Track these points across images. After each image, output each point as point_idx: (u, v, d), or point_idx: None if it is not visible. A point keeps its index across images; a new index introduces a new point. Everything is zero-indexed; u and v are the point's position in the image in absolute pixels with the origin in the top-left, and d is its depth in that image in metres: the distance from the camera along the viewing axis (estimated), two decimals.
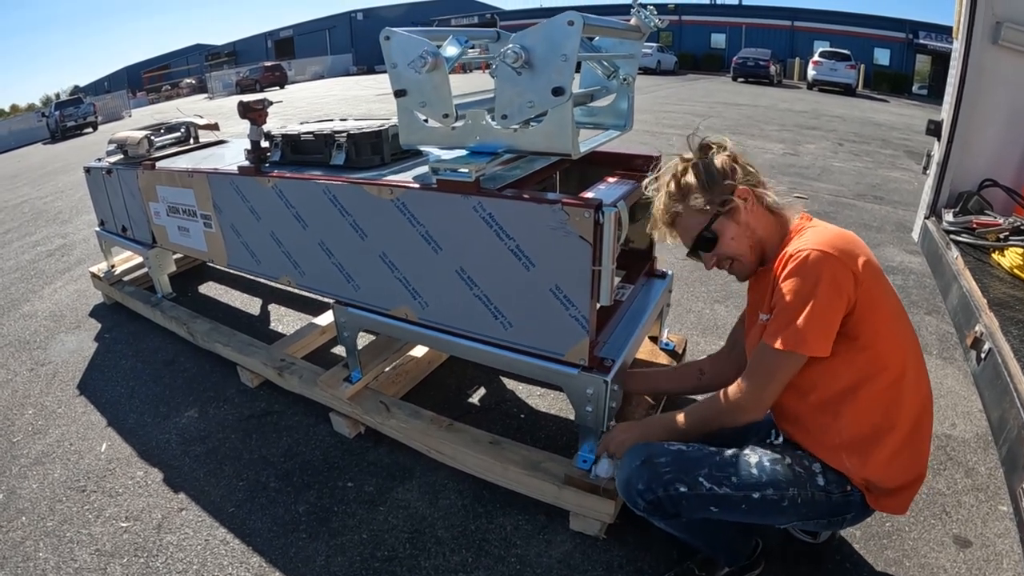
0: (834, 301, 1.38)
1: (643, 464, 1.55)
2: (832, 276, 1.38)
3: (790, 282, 1.42)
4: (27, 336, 3.88)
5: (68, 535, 2.17)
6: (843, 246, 1.42)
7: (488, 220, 1.86)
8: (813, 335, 1.39)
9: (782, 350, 1.43)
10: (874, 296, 1.42)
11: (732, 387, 1.55)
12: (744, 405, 1.52)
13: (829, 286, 1.37)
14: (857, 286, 1.39)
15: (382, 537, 2.06)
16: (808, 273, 1.39)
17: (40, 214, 7.53)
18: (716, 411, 1.59)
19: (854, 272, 1.39)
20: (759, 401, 1.51)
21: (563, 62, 1.59)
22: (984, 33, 3.90)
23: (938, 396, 2.72)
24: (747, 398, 1.52)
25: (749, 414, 1.53)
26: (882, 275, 1.48)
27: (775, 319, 1.45)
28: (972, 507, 2.09)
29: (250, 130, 2.60)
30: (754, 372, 1.52)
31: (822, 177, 7.09)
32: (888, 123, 12.99)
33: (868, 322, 1.42)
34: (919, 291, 3.88)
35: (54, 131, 21.76)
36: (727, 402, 1.55)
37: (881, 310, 1.44)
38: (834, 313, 1.40)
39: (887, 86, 26.64)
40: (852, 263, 1.39)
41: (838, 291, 1.38)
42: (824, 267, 1.38)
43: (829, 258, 1.38)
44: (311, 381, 2.63)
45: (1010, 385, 2.17)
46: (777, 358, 1.45)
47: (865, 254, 1.44)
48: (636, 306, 2.34)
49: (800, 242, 1.46)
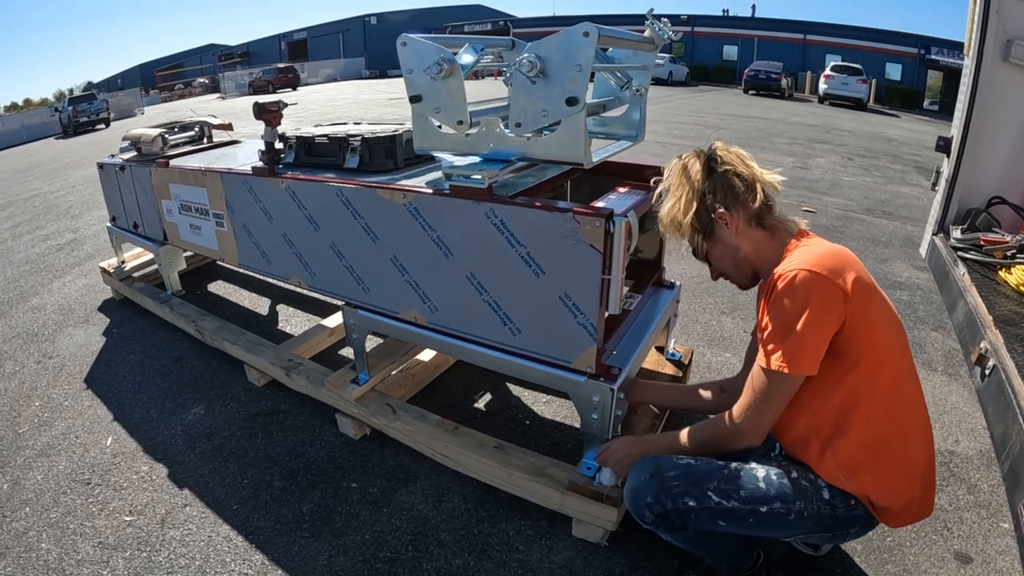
0: (822, 321, 1.38)
1: (652, 477, 1.55)
2: (820, 296, 1.38)
3: (778, 303, 1.42)
4: (35, 329, 3.91)
5: (71, 527, 2.18)
6: (832, 265, 1.41)
7: (500, 227, 1.87)
8: (802, 355, 1.40)
9: (772, 371, 1.43)
10: (866, 313, 1.42)
11: (731, 410, 1.55)
12: (742, 429, 1.52)
13: (817, 306, 1.37)
14: (846, 304, 1.39)
15: (385, 538, 2.07)
16: (796, 293, 1.39)
17: (51, 208, 7.59)
18: (717, 434, 1.59)
19: (843, 290, 1.38)
20: (756, 425, 1.50)
21: (577, 72, 1.60)
22: (995, 50, 3.90)
23: (942, 412, 2.72)
24: (744, 422, 1.51)
25: (746, 438, 1.52)
26: (875, 292, 1.47)
27: (765, 340, 1.46)
28: (974, 523, 2.09)
29: (265, 131, 2.62)
30: (748, 394, 1.51)
31: (831, 191, 7.09)
32: (898, 138, 12.97)
33: (860, 340, 1.42)
34: (926, 307, 3.88)
35: (67, 126, 21.94)
36: (727, 425, 1.55)
37: (874, 328, 1.44)
38: (822, 332, 1.39)
39: (898, 101, 26.59)
40: (841, 281, 1.39)
41: (826, 311, 1.38)
42: (812, 287, 1.38)
43: (817, 277, 1.38)
44: (318, 382, 2.65)
45: (1013, 402, 2.16)
46: (768, 379, 1.45)
47: (855, 271, 1.43)
48: (644, 316, 2.35)
49: (788, 262, 1.46)
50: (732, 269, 1.64)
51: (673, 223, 1.61)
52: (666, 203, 1.62)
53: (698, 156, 1.60)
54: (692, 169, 1.59)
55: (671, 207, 1.61)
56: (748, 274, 1.63)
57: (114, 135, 14.82)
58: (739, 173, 1.55)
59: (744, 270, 1.62)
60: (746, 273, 1.63)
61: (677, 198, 1.59)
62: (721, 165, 1.56)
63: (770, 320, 1.45)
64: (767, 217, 1.57)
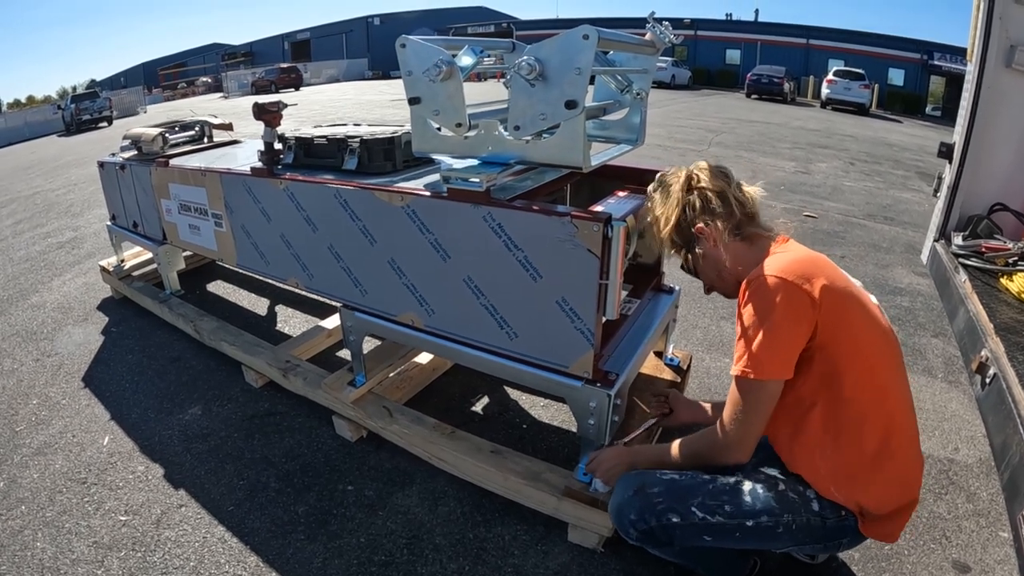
0: (789, 324, 1.38)
1: (635, 494, 1.55)
2: (786, 300, 1.38)
3: (746, 309, 1.44)
4: (34, 327, 3.91)
5: (67, 526, 2.18)
6: (800, 270, 1.41)
7: (497, 230, 1.86)
8: (766, 360, 1.39)
9: (740, 377, 1.43)
10: (843, 320, 1.41)
11: (718, 423, 1.54)
12: (727, 441, 1.51)
13: (782, 310, 1.38)
14: (816, 309, 1.38)
15: (380, 542, 2.06)
16: (761, 298, 1.40)
17: (52, 206, 7.60)
18: (705, 446, 1.58)
19: (809, 295, 1.38)
20: (740, 436, 1.49)
21: (577, 75, 1.60)
22: (998, 56, 3.89)
23: (942, 420, 2.71)
24: (728, 433, 1.50)
25: (733, 450, 1.51)
26: (853, 298, 1.45)
27: (736, 347, 1.46)
28: (972, 532, 2.08)
29: (264, 132, 2.62)
30: (728, 405, 1.50)
31: (833, 196, 7.08)
32: (900, 144, 12.96)
33: (841, 347, 1.41)
34: (926, 313, 3.86)
35: (69, 124, 21.99)
36: (714, 438, 1.54)
37: (855, 335, 1.42)
38: (790, 336, 1.39)
39: (900, 106, 26.60)
40: (808, 287, 1.38)
41: (793, 314, 1.38)
42: (776, 292, 1.39)
43: (782, 282, 1.39)
44: (315, 383, 2.64)
45: (1014, 411, 2.15)
46: (739, 387, 1.45)
47: (827, 277, 1.42)
48: (642, 321, 2.34)
49: (758, 269, 1.47)
50: (717, 280, 1.67)
51: (659, 238, 1.70)
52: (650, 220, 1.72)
53: (677, 175, 1.67)
54: (672, 188, 1.65)
55: (657, 221, 1.69)
56: (732, 284, 1.63)
57: (116, 133, 14.82)
58: (714, 188, 1.60)
59: (728, 280, 1.64)
60: (730, 283, 1.64)
61: (659, 215, 1.67)
62: (698, 182, 1.62)
63: (738, 326, 1.47)
64: (746, 228, 1.60)
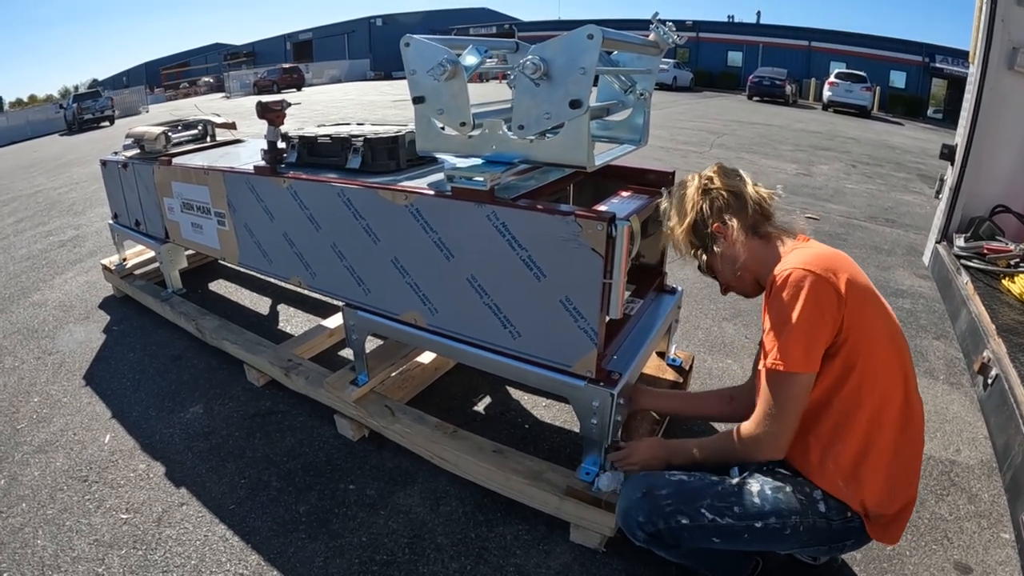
0: (816, 317, 1.39)
1: (643, 496, 1.55)
2: (814, 293, 1.38)
3: (774, 302, 1.44)
4: (36, 325, 3.91)
5: (67, 524, 2.18)
6: (826, 264, 1.42)
7: (501, 229, 1.87)
8: (795, 351, 1.39)
9: (770, 370, 1.43)
10: (862, 316, 1.42)
11: (748, 421, 1.52)
12: (761, 438, 1.48)
13: (811, 303, 1.38)
14: (841, 304, 1.39)
15: (381, 541, 2.06)
16: (789, 291, 1.41)
17: (54, 204, 7.60)
18: (739, 442, 1.54)
19: (836, 289, 1.39)
20: (774, 432, 1.46)
21: (581, 75, 1.60)
22: (1000, 59, 3.91)
23: (944, 421, 2.70)
24: (762, 430, 1.48)
25: (766, 447, 1.48)
26: (872, 296, 1.47)
27: (765, 341, 1.46)
28: (974, 533, 2.08)
29: (267, 131, 2.62)
30: (760, 401, 1.49)
31: (834, 198, 7.08)
32: (902, 146, 12.96)
33: (858, 343, 1.41)
34: (928, 315, 3.86)
35: (71, 123, 22.01)
36: (746, 437, 1.51)
37: (871, 331, 1.43)
38: (817, 329, 1.39)
39: (902, 109, 26.57)
40: (835, 280, 1.39)
41: (820, 308, 1.38)
42: (805, 284, 1.39)
43: (810, 275, 1.39)
44: (317, 382, 2.64)
45: (1016, 412, 2.16)
46: (770, 381, 1.45)
47: (851, 273, 1.43)
48: (645, 321, 2.34)
49: (784, 263, 1.48)
50: (734, 279, 1.67)
51: (675, 240, 1.70)
52: (667, 222, 1.72)
53: (692, 178, 1.68)
54: (688, 189, 1.67)
55: (672, 225, 1.69)
56: (750, 282, 1.65)
57: (118, 133, 14.84)
58: (729, 188, 1.62)
59: (745, 279, 1.65)
60: (747, 282, 1.65)
61: (675, 217, 1.69)
62: (712, 183, 1.64)
63: (767, 319, 1.47)
64: (762, 227, 1.62)
